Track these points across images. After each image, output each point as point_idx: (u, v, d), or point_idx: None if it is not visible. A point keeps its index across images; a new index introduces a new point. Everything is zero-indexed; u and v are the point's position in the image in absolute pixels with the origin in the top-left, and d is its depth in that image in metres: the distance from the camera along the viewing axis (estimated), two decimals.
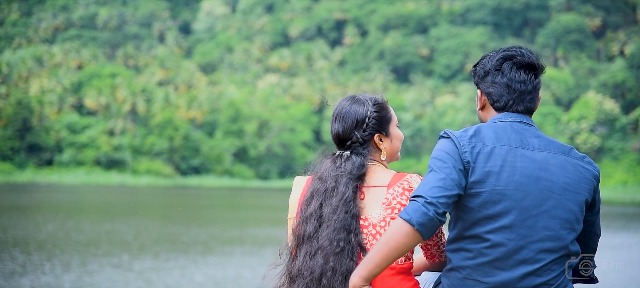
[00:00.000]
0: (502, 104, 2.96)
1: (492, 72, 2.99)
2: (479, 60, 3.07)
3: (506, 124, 2.90)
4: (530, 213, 2.79)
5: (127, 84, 75.49)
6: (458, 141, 2.83)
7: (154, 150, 69.67)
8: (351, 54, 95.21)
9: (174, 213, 30.53)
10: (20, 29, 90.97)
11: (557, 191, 2.82)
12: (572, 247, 2.87)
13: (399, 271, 2.91)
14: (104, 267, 13.72)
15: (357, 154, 2.97)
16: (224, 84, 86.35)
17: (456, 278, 2.85)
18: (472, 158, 2.80)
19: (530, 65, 3.02)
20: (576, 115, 74.46)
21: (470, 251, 2.81)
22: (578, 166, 2.89)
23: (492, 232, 2.78)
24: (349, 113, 3.01)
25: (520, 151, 2.84)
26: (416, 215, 2.69)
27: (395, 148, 3.07)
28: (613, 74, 79.54)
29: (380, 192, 2.94)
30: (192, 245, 18.01)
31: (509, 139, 2.85)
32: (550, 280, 2.82)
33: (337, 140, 3.04)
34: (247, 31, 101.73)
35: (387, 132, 3.04)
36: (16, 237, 18.07)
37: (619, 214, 38.37)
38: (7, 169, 62.59)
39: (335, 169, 2.96)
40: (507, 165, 2.80)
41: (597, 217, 3.02)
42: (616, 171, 69.72)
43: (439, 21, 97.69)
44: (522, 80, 2.98)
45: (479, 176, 2.79)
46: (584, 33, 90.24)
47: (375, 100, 3.07)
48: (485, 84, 3.00)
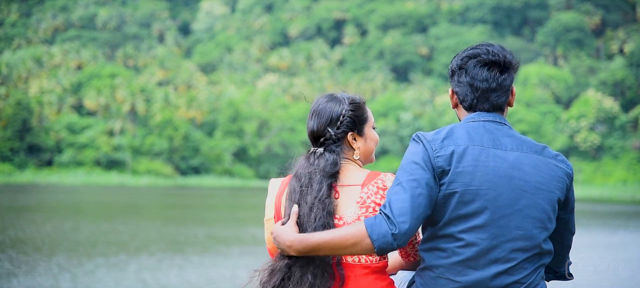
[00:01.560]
0: (468, 104, 2.96)
1: (457, 71, 2.99)
2: (452, 59, 3.06)
3: (479, 124, 2.90)
4: (503, 212, 2.79)
5: (126, 84, 75.51)
6: (430, 146, 2.83)
7: (154, 150, 69.69)
8: (351, 54, 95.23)
9: (173, 213, 30.54)
10: (19, 30, 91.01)
11: (530, 190, 2.83)
12: (545, 245, 2.87)
13: (374, 270, 2.92)
14: (100, 267, 13.73)
15: (330, 151, 2.97)
16: (224, 84, 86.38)
17: (429, 277, 2.86)
18: (445, 161, 2.80)
19: (495, 62, 2.97)
20: (576, 114, 74.47)
21: (443, 250, 2.82)
22: (551, 165, 2.89)
23: (465, 231, 2.79)
24: (325, 110, 3.01)
25: (492, 151, 2.84)
26: (381, 240, 2.74)
27: (370, 150, 3.06)
28: (613, 72, 79.55)
29: (355, 191, 2.94)
30: (189, 244, 18.02)
31: (482, 139, 2.85)
32: (522, 278, 2.82)
33: (311, 137, 3.04)
34: (247, 31, 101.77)
35: (362, 131, 3.03)
36: (13, 238, 18.07)
37: (619, 212, 38.38)
38: (6, 170, 62.61)
39: (309, 166, 2.96)
40: (480, 165, 2.81)
41: (571, 215, 3.01)
42: (616, 169, 69.73)
43: (439, 20, 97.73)
44: (485, 79, 2.95)
45: (452, 177, 2.80)
46: (583, 31, 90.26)
47: (353, 99, 3.04)
48: (454, 83, 3.00)
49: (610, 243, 20.86)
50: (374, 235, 2.73)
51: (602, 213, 37.54)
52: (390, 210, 2.74)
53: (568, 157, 73.77)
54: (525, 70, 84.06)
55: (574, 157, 73.44)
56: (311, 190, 2.91)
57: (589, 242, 21.13)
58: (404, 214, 2.73)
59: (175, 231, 21.64)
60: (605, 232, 25.07)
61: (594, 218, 33.51)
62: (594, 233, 24.63)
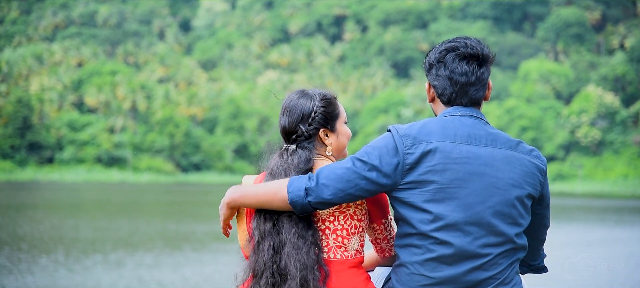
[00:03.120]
0: (447, 97, 2.96)
1: (436, 64, 2.98)
2: (428, 52, 3.06)
3: (455, 119, 2.90)
4: (475, 209, 2.80)
5: (127, 81, 75.50)
6: (402, 141, 2.83)
7: (155, 147, 69.72)
8: (351, 50, 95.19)
9: (173, 210, 30.55)
10: (20, 27, 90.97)
11: (502, 187, 2.83)
12: (519, 240, 2.87)
13: (350, 265, 2.93)
14: (97, 264, 13.74)
15: (303, 148, 2.99)
16: (224, 81, 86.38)
17: (404, 274, 2.87)
18: (413, 160, 2.80)
19: (473, 55, 2.97)
20: (576, 109, 74.42)
21: (417, 247, 2.83)
22: (524, 160, 2.88)
23: (439, 229, 2.80)
24: (296, 106, 3.03)
25: (465, 147, 2.83)
26: (294, 192, 2.80)
27: (342, 145, 3.05)
28: (613, 67, 79.46)
29: None
30: (188, 241, 18.02)
31: (456, 135, 2.85)
32: (496, 274, 2.83)
33: (283, 134, 3.06)
34: (247, 27, 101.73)
35: (334, 127, 3.02)
36: (11, 235, 18.07)
37: (620, 208, 38.37)
38: (7, 167, 62.64)
39: (283, 163, 2.97)
40: (452, 162, 2.81)
41: (547, 210, 3.01)
42: (617, 164, 69.70)
43: (439, 16, 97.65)
44: (464, 72, 2.95)
45: (424, 175, 2.80)
46: (584, 26, 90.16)
47: (324, 95, 3.04)
48: (431, 77, 2.99)
49: (611, 239, 20.86)
50: (290, 187, 2.80)
51: (603, 208, 37.53)
52: (318, 172, 2.81)
53: (569, 153, 73.80)
54: (525, 65, 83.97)
55: (575, 152, 73.41)
56: None
57: (590, 238, 21.14)
58: (330, 179, 2.78)
59: (175, 228, 21.65)
60: (606, 227, 25.07)
61: (596, 213, 33.50)
62: (594, 229, 24.64)
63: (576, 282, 12.42)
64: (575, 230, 24.20)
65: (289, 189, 2.79)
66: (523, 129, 74.26)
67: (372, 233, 3.06)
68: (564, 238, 20.78)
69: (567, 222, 27.69)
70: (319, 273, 2.87)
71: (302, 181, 2.80)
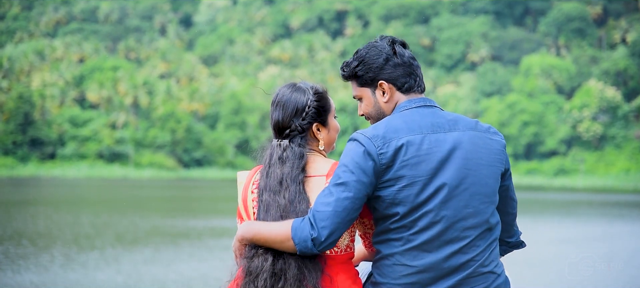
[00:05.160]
0: (408, 85, 3.00)
1: (391, 57, 2.99)
2: (359, 62, 3.02)
3: (413, 111, 2.94)
4: (452, 194, 2.84)
5: (128, 77, 75.53)
6: (371, 144, 2.84)
7: (157, 143, 69.76)
8: (353, 45, 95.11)
9: (174, 205, 30.57)
10: (21, 23, 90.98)
11: (473, 168, 2.88)
12: (492, 219, 2.93)
13: (339, 261, 2.95)
14: (93, 260, 13.74)
15: (296, 144, 2.97)
16: (226, 76, 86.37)
17: (385, 266, 2.90)
18: (389, 157, 2.83)
19: (405, 43, 3.06)
20: (578, 104, 74.38)
21: (398, 239, 2.86)
22: (486, 139, 2.95)
23: (418, 219, 2.84)
24: (290, 101, 3.01)
25: (433, 136, 2.88)
26: (301, 244, 2.81)
27: (332, 139, 3.06)
28: (615, 61, 79.39)
29: (320, 181, 2.94)
30: (187, 237, 18.04)
31: (420, 127, 2.89)
32: (476, 256, 2.88)
33: (276, 128, 3.03)
34: (248, 23, 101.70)
35: (326, 121, 3.02)
36: (10, 231, 18.09)
37: (622, 202, 38.36)
38: (9, 163, 62.70)
39: (277, 161, 2.96)
40: (423, 153, 2.85)
41: (510, 181, 3.06)
42: (618, 159, 69.69)
43: (440, 11, 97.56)
44: (412, 57, 3.04)
45: (399, 171, 2.83)
46: (585, 21, 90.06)
47: (316, 89, 3.03)
48: (387, 72, 2.99)
49: (612, 234, 20.86)
50: (296, 239, 2.81)
51: (604, 203, 37.52)
52: (313, 214, 2.80)
53: (571, 147, 73.78)
54: (527, 60, 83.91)
55: (577, 147, 73.39)
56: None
57: (591, 234, 21.14)
58: (325, 219, 2.78)
59: (174, 223, 21.67)
60: (608, 222, 25.06)
61: (597, 208, 33.50)
62: (596, 224, 24.64)
63: (576, 282, 12.43)
64: (577, 225, 24.20)
65: (296, 241, 2.81)
66: (525, 123, 74.24)
67: (361, 227, 3.06)
68: (565, 234, 20.79)
69: (568, 217, 27.70)
70: (315, 271, 2.87)
71: (305, 232, 2.80)
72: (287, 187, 2.91)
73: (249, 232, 2.90)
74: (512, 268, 13.84)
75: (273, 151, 3.00)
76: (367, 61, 3.01)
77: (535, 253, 15.40)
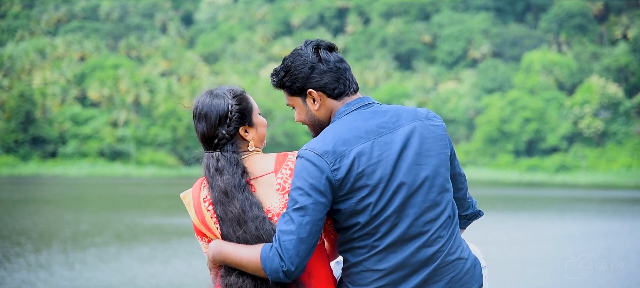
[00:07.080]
0: (339, 90, 2.94)
1: (316, 64, 2.94)
2: (285, 72, 2.98)
3: (354, 114, 2.90)
4: (409, 192, 2.84)
5: (129, 75, 75.53)
6: (322, 161, 2.80)
7: (158, 141, 69.78)
8: (354, 42, 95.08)
9: (174, 203, 30.58)
10: (22, 22, 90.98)
11: (424, 161, 2.88)
12: (450, 207, 2.94)
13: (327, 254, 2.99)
14: (92, 258, 13.75)
15: (227, 151, 2.93)
16: (227, 74, 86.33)
17: (354, 274, 2.89)
18: (342, 174, 2.80)
19: (333, 46, 2.99)
20: (579, 100, 74.33)
21: (362, 247, 2.86)
22: (429, 127, 2.93)
23: (380, 225, 2.83)
24: (211, 110, 2.94)
25: (381, 139, 2.85)
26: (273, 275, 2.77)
27: (262, 135, 3.01)
28: (616, 57, 79.32)
29: (270, 179, 2.91)
30: (185, 235, 18.04)
31: (367, 132, 2.86)
32: (441, 246, 2.89)
33: (203, 140, 2.98)
34: (249, 21, 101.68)
35: (251, 122, 2.98)
36: (9, 229, 18.09)
37: (623, 198, 38.35)
38: (11, 162, 62.73)
39: (215, 174, 2.91)
40: (374, 160, 2.82)
41: (455, 159, 3.05)
42: (620, 155, 69.65)
43: (441, 8, 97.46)
44: (339, 60, 2.97)
45: (356, 182, 2.81)
46: (586, 17, 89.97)
47: (234, 92, 2.98)
48: (315, 81, 2.94)
49: (613, 231, 20.85)
50: (267, 270, 2.78)
51: (606, 199, 37.51)
52: (279, 245, 2.76)
53: (572, 144, 73.76)
54: (528, 56, 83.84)
55: (578, 143, 73.35)
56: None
57: (591, 230, 21.12)
58: (292, 249, 2.74)
59: (174, 221, 21.66)
60: (609, 219, 25.05)
61: (598, 205, 33.49)
62: (596, 221, 24.62)
63: (576, 281, 12.40)
64: (577, 222, 24.18)
65: (267, 272, 2.77)
66: (526, 120, 74.19)
67: None
68: (566, 231, 20.77)
69: (570, 213, 27.68)
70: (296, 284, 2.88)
71: (275, 264, 2.76)
72: (233, 197, 2.86)
73: (219, 254, 2.88)
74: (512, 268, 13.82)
75: (209, 163, 2.95)
76: (292, 71, 2.96)
77: (535, 253, 15.39)
